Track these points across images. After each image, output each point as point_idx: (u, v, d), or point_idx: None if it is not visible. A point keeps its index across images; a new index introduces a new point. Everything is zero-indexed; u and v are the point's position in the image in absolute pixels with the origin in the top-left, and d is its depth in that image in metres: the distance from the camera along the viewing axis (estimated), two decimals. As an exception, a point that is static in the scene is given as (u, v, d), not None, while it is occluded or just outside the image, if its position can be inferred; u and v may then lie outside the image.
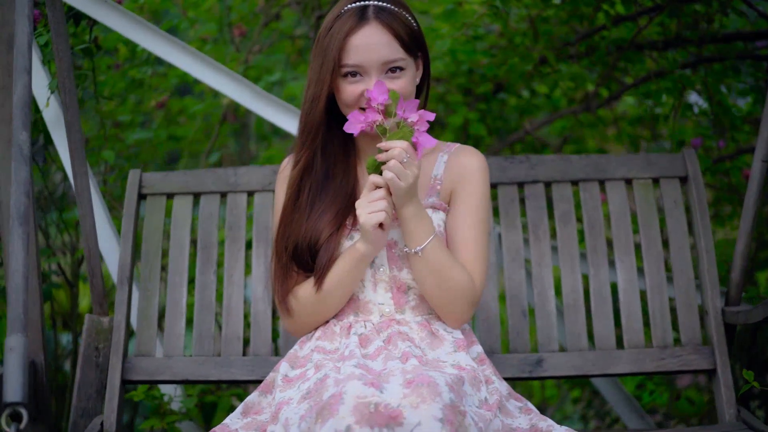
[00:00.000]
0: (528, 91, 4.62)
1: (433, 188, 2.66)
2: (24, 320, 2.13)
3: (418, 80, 2.64)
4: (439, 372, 2.31)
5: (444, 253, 2.53)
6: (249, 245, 3.25)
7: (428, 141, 2.44)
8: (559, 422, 2.88)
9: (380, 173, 2.44)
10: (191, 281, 3.16)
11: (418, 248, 2.51)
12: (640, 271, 3.08)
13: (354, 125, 2.45)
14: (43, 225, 4.02)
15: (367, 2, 2.55)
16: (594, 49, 3.98)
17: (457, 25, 3.92)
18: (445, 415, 2.15)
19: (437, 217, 2.63)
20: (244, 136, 5.29)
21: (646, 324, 3.04)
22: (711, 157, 3.96)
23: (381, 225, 2.48)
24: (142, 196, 3.15)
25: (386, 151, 2.42)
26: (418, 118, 2.42)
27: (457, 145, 2.73)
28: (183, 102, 4.73)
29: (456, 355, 2.54)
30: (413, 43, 2.57)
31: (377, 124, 2.43)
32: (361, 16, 2.53)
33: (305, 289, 2.60)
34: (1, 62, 2.95)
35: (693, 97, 4.36)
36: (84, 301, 4.74)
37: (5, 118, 2.98)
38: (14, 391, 2.04)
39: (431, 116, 2.44)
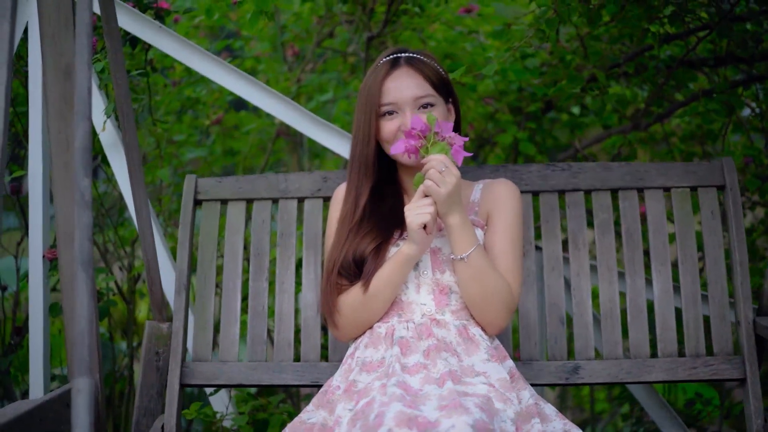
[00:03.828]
0: (578, 107, 4.67)
1: (472, 209, 2.94)
2: (89, 363, 2.29)
3: (451, 122, 2.87)
4: (470, 397, 2.51)
5: (486, 261, 2.78)
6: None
7: (463, 152, 2.73)
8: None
9: None
10: (245, 287, 3.31)
11: (464, 255, 2.76)
12: (676, 280, 3.18)
13: (399, 146, 2.76)
14: (100, 242, 4.18)
15: (399, 55, 2.90)
16: (644, 68, 4.02)
17: (506, 46, 3.97)
18: (475, 425, 2.34)
19: (476, 233, 2.86)
20: (297, 152, 5.41)
21: (680, 333, 3.14)
22: (762, 174, 3.99)
23: (425, 228, 2.73)
24: (197, 202, 3.29)
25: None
26: (454, 134, 2.72)
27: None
28: (238, 116, 4.85)
29: (489, 364, 2.74)
30: (442, 85, 2.91)
31: (419, 146, 2.72)
32: (393, 63, 2.90)
33: (351, 295, 2.85)
34: (58, 90, 3.07)
35: (746, 112, 4.38)
36: (140, 315, 4.91)
37: (62, 143, 3.10)
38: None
39: (465, 138, 2.76)
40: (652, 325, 3.15)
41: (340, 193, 3.02)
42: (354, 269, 2.85)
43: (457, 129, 2.97)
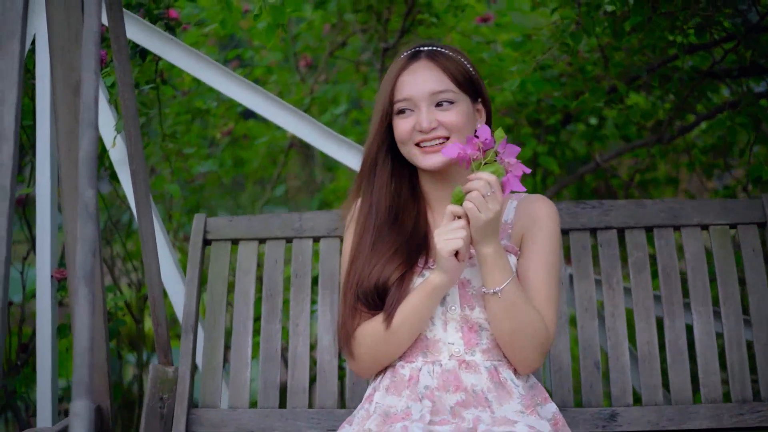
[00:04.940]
0: (596, 118, 4.50)
1: (504, 232, 2.63)
2: (89, 384, 2.09)
3: (479, 125, 2.58)
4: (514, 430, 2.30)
5: (521, 295, 2.49)
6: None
7: (517, 184, 2.42)
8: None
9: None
10: (256, 330, 3.12)
11: (497, 289, 2.47)
12: (718, 320, 2.98)
13: (452, 149, 2.43)
14: (108, 257, 4.02)
15: (420, 48, 2.61)
16: (667, 79, 3.86)
17: (527, 58, 3.85)
18: None
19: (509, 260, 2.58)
20: (309, 164, 5.25)
21: (724, 376, 2.93)
22: None
23: (457, 255, 2.44)
24: (207, 242, 3.11)
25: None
26: (515, 162, 2.41)
27: (527, 193, 2.69)
28: (247, 125, 4.72)
29: (525, 417, 2.46)
30: (467, 82, 2.59)
31: (474, 158, 2.42)
32: (413, 57, 2.61)
33: (371, 327, 2.56)
34: (68, 107, 2.93)
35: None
36: (149, 328, 4.73)
37: (73, 162, 2.97)
38: (78, 458, 2.01)
39: (527, 170, 2.44)
40: (694, 369, 2.93)
41: (356, 207, 2.73)
42: (375, 297, 2.55)
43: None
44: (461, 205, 2.43)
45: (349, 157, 3.44)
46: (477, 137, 2.41)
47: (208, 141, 4.79)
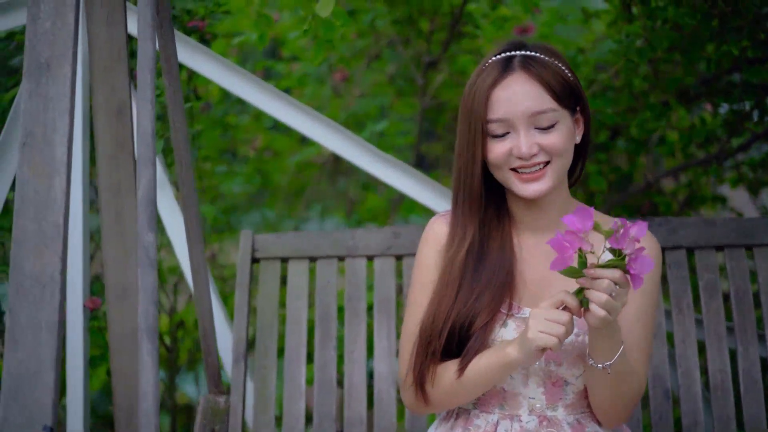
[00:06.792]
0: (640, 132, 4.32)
1: None
2: (157, 450, 1.97)
3: (578, 138, 2.35)
4: None
5: (626, 364, 2.24)
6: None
7: (643, 264, 2.05)
8: None
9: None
10: (310, 357, 2.99)
11: (607, 364, 2.19)
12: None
13: (563, 262, 2.06)
14: None
15: (512, 53, 2.30)
16: (727, 94, 3.69)
17: (577, 73, 3.68)
18: None
19: None
20: (338, 181, 5.07)
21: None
22: None
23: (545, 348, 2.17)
24: (255, 260, 2.97)
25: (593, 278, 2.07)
26: (635, 247, 2.03)
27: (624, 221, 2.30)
28: (272, 137, 4.57)
29: None
30: (567, 93, 2.29)
31: (585, 251, 2.06)
32: (505, 66, 2.28)
33: (449, 371, 2.32)
34: (110, 131, 2.78)
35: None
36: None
37: (112, 187, 2.82)
38: None
39: (643, 231, 2.03)
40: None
41: (438, 230, 2.43)
42: (454, 343, 2.31)
43: (585, 147, 2.39)
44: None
45: (394, 176, 3.28)
46: (576, 231, 2.03)
47: (231, 155, 4.64)
